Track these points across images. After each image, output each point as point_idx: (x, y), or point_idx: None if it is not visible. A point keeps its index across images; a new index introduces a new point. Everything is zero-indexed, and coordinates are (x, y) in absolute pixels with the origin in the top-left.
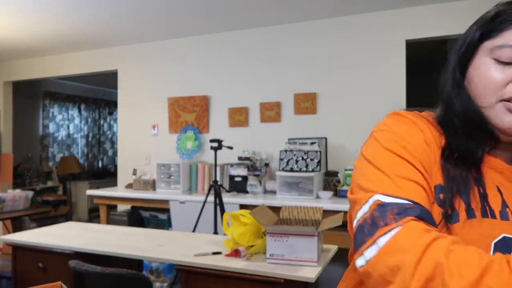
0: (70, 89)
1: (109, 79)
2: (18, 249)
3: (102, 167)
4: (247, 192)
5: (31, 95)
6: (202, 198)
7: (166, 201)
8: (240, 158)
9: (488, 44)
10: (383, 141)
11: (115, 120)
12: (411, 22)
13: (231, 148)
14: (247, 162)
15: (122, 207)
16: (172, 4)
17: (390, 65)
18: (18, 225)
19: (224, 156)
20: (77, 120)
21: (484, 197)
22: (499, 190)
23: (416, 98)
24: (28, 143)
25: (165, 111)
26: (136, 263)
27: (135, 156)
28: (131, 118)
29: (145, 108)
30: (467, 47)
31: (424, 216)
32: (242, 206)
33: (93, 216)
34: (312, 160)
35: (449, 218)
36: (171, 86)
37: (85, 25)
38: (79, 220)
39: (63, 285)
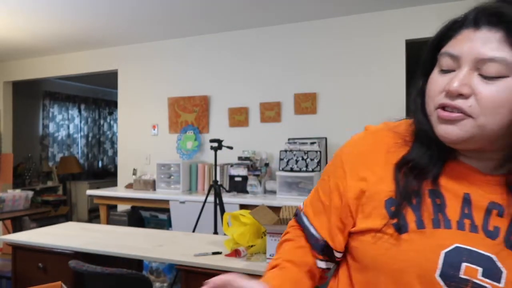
0: (70, 89)
1: (109, 79)
2: (18, 249)
3: (102, 167)
4: (247, 192)
5: (31, 95)
6: (202, 198)
7: (166, 201)
8: (240, 158)
9: (439, 53)
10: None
11: (115, 120)
12: (411, 22)
13: (231, 148)
14: (247, 162)
15: (122, 207)
16: (172, 4)
17: (390, 65)
18: (18, 225)
19: (224, 156)
20: (77, 120)
21: (439, 208)
22: (466, 199)
23: None
24: (28, 143)
25: (165, 111)
26: (136, 263)
27: (135, 156)
28: (131, 118)
29: (145, 108)
30: (426, 54)
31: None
32: (242, 206)
33: (93, 216)
34: (312, 160)
35: (399, 229)
36: (171, 86)
37: (85, 25)
38: (79, 220)
39: (63, 285)
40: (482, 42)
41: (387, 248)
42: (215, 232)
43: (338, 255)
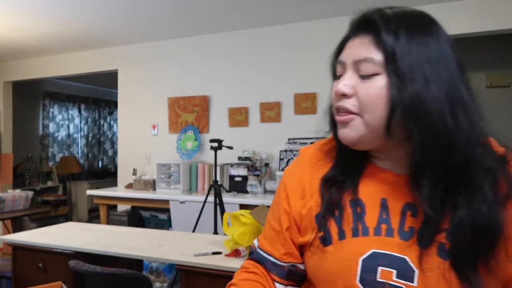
0: (70, 89)
1: (109, 79)
2: (18, 249)
3: (102, 167)
4: (247, 192)
5: (31, 95)
6: (202, 198)
7: (166, 201)
8: (240, 158)
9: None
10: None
11: (115, 120)
12: None
13: (231, 148)
14: (247, 162)
15: (122, 207)
16: (172, 4)
17: None
18: (18, 225)
19: (224, 156)
20: (77, 120)
21: (358, 217)
22: (383, 204)
23: None
24: (28, 143)
25: (165, 111)
26: (136, 263)
27: (135, 156)
28: (131, 118)
29: (145, 108)
30: (331, 68)
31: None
32: (242, 206)
33: (93, 216)
34: None
35: (324, 241)
36: (171, 86)
37: (85, 25)
38: (79, 220)
39: (63, 285)
40: (358, 47)
41: (316, 261)
42: (215, 232)
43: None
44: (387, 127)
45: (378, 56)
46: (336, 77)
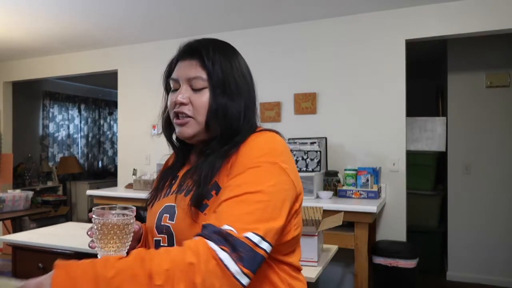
0: (70, 89)
1: (109, 79)
2: (18, 249)
3: (102, 167)
4: None
5: (31, 95)
6: None
7: None
8: None
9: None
10: None
11: (115, 120)
12: (411, 22)
13: None
14: None
15: None
16: (172, 4)
17: (390, 65)
18: (18, 225)
19: None
20: (77, 120)
21: (169, 186)
22: (184, 175)
23: (416, 98)
24: (28, 143)
25: None
26: None
27: (135, 156)
28: (131, 118)
29: (145, 108)
30: (163, 82)
31: None
32: None
33: None
34: (312, 160)
35: (149, 204)
36: None
37: (85, 25)
38: (79, 220)
39: None
40: (188, 68)
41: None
42: None
43: None
44: (207, 125)
45: (204, 75)
46: (171, 90)
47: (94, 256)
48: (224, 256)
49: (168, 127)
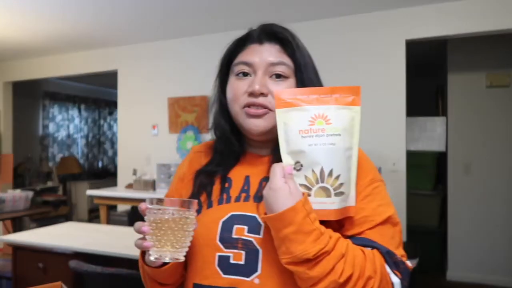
0: (70, 89)
1: (109, 79)
2: (18, 249)
3: (102, 167)
4: None
5: (31, 95)
6: None
7: None
8: None
9: (233, 64)
10: None
11: (115, 120)
12: (411, 22)
13: None
14: None
15: (122, 207)
16: (172, 4)
17: (390, 65)
18: (18, 225)
19: None
20: (77, 120)
21: (225, 190)
22: (246, 179)
23: (416, 98)
24: (28, 143)
25: (165, 111)
26: (136, 263)
27: (135, 156)
28: (131, 118)
29: (145, 108)
30: (221, 68)
31: None
32: None
33: (93, 216)
34: None
35: (198, 211)
36: (171, 86)
37: (85, 25)
38: (79, 220)
39: (63, 285)
40: (268, 52)
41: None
42: None
43: None
44: None
45: (290, 63)
46: (238, 77)
47: (94, 256)
48: (396, 282)
49: (224, 119)
